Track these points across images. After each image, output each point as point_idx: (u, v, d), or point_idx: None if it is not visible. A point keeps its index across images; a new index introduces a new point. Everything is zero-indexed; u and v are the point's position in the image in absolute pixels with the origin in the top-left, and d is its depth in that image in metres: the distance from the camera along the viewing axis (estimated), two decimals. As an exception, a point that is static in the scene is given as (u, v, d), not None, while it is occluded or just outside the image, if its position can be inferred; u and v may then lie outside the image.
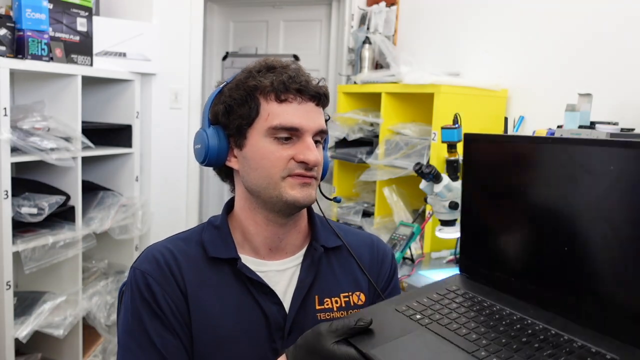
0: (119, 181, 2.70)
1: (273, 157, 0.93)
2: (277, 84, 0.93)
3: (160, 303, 0.92)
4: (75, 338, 2.39)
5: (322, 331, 0.79)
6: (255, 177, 0.95)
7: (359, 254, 1.05)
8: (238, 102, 0.95)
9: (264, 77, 0.95)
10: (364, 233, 1.15)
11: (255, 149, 0.94)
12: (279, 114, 0.93)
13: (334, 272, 1.02)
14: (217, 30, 3.67)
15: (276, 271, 0.99)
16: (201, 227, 1.04)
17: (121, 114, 2.66)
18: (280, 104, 0.93)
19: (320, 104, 0.97)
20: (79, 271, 2.38)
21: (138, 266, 0.96)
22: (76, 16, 2.37)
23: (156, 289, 0.93)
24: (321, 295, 0.99)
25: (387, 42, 2.81)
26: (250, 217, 0.99)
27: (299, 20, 3.52)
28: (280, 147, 0.93)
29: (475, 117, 2.35)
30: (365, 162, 2.67)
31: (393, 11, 3.00)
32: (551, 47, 2.32)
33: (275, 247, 1.00)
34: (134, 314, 0.93)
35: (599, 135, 1.65)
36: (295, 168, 0.93)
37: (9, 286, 2.04)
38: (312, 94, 0.95)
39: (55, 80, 2.31)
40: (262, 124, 0.94)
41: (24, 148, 2.05)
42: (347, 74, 3.13)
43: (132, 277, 0.96)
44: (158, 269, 0.94)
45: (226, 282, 0.96)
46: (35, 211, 2.12)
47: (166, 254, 0.96)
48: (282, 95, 0.93)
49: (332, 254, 1.04)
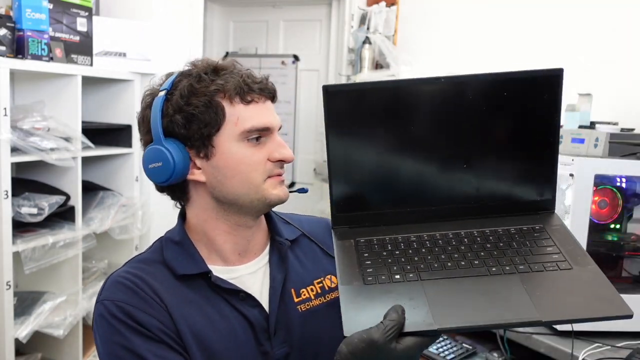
0: (119, 181, 2.69)
1: (250, 161, 0.90)
2: (240, 86, 0.90)
3: (148, 326, 0.86)
4: (75, 338, 2.38)
5: (375, 339, 0.72)
6: (232, 185, 0.91)
7: (319, 239, 1.06)
8: (200, 109, 0.89)
9: (222, 79, 0.90)
10: (316, 218, 1.14)
11: (227, 156, 0.90)
12: (250, 116, 0.90)
13: (302, 262, 1.02)
14: (217, 30, 3.67)
15: (248, 274, 0.97)
16: (159, 246, 0.98)
17: (121, 114, 2.65)
18: (246, 106, 0.90)
19: (274, 100, 0.96)
20: (79, 271, 2.38)
21: (107, 297, 0.89)
22: (76, 16, 2.37)
23: (139, 315, 0.87)
24: (297, 288, 0.98)
25: (387, 42, 2.82)
26: (216, 226, 0.95)
27: (299, 20, 3.52)
28: (254, 149, 0.91)
29: (475, 117, 2.35)
30: (365, 162, 2.66)
31: (393, 11, 3.00)
32: (551, 47, 2.32)
33: (244, 250, 0.97)
34: (122, 348, 0.86)
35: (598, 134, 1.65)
36: (274, 168, 0.92)
37: (9, 286, 2.04)
38: (271, 92, 0.94)
39: (55, 80, 2.30)
40: (231, 129, 0.90)
41: (24, 148, 2.05)
42: (347, 74, 3.13)
43: (105, 311, 0.87)
44: (133, 295, 0.88)
45: (202, 296, 0.92)
46: (35, 211, 2.12)
47: (134, 279, 0.90)
48: (247, 97, 0.90)
49: (294, 245, 1.03)
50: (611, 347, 1.36)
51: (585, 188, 1.37)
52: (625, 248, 1.51)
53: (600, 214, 1.50)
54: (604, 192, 1.49)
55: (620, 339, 1.38)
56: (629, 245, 1.51)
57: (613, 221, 1.52)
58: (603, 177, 1.47)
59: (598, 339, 1.38)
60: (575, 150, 1.70)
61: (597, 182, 1.42)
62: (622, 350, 1.34)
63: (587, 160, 1.39)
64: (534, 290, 0.77)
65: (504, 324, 0.75)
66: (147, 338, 0.86)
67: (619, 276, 1.52)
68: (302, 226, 1.06)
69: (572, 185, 1.36)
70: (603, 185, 1.49)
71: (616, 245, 1.51)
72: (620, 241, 1.51)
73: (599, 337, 1.39)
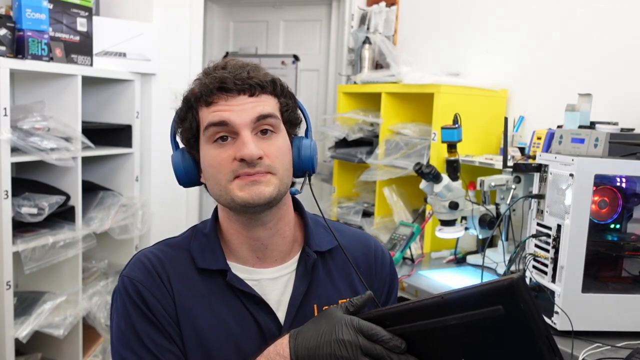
0: (119, 181, 2.69)
1: (215, 161, 0.89)
2: (202, 89, 0.90)
3: (152, 309, 0.89)
4: (75, 338, 2.39)
5: (334, 311, 0.82)
6: (210, 186, 0.92)
7: (354, 257, 1.00)
8: (181, 117, 0.93)
9: (195, 85, 0.92)
10: (358, 232, 1.09)
11: (203, 159, 0.92)
12: (207, 116, 0.89)
13: (332, 277, 0.98)
14: (217, 30, 3.67)
15: (269, 279, 0.95)
16: (190, 234, 1.00)
17: (121, 114, 2.66)
18: (209, 107, 0.89)
19: (256, 93, 0.89)
20: (79, 271, 2.38)
21: (127, 274, 0.93)
22: (76, 16, 2.37)
23: (147, 296, 0.90)
24: (320, 304, 0.95)
25: (387, 42, 2.81)
26: (230, 226, 0.95)
27: (299, 20, 3.52)
28: (220, 150, 0.89)
29: (475, 117, 2.35)
30: (365, 162, 2.67)
31: (393, 11, 3.00)
32: (551, 47, 2.32)
33: (262, 254, 0.95)
34: (126, 322, 0.90)
35: (600, 136, 1.64)
36: (239, 168, 0.87)
37: (9, 286, 2.04)
38: (238, 88, 0.88)
39: (55, 80, 2.31)
40: (202, 132, 0.91)
41: (24, 148, 2.05)
42: (347, 74, 3.13)
43: (122, 285, 0.93)
44: (148, 275, 0.92)
45: (217, 293, 0.92)
46: (35, 211, 2.12)
47: (155, 261, 0.93)
48: (208, 99, 0.89)
49: (329, 256, 0.99)
50: (611, 347, 1.36)
51: (585, 188, 1.37)
52: (625, 248, 1.50)
53: (600, 214, 1.50)
54: (604, 192, 1.49)
55: (620, 339, 1.38)
56: (629, 245, 1.50)
57: (613, 221, 1.52)
58: (603, 177, 1.47)
59: (598, 339, 1.38)
60: (575, 150, 1.70)
61: (597, 182, 1.42)
62: (622, 350, 1.34)
63: (587, 160, 1.39)
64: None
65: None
66: (147, 319, 0.89)
67: (619, 276, 1.52)
68: (342, 238, 0.99)
69: (572, 185, 1.36)
70: (603, 185, 1.49)
71: (616, 245, 1.50)
72: (620, 241, 1.50)
73: (599, 337, 1.39)
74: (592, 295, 1.40)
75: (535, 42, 2.38)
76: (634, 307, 1.42)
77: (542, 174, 1.51)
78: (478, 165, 2.21)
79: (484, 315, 0.68)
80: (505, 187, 2.01)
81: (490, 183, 2.00)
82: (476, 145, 2.39)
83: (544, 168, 1.50)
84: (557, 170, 1.43)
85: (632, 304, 1.42)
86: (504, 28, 2.52)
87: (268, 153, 0.88)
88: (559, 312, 1.39)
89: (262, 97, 0.91)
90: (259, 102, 0.90)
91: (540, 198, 1.51)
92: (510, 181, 1.99)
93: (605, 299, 1.41)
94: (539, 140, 2.03)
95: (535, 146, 2.04)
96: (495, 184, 2.01)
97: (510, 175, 1.99)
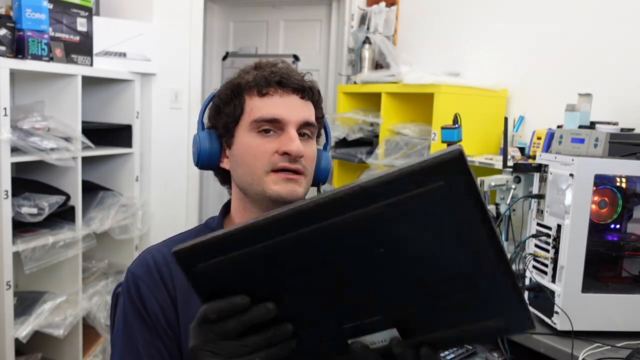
0: (119, 181, 2.69)
1: (256, 150, 0.91)
2: (258, 79, 0.93)
3: (148, 308, 0.91)
4: (75, 338, 2.39)
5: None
6: (241, 173, 0.94)
7: None
8: (224, 101, 0.96)
9: (251, 75, 0.95)
10: None
11: (240, 145, 0.94)
12: (261, 107, 0.92)
13: None
14: (217, 30, 3.66)
15: None
16: (197, 230, 1.01)
17: (121, 114, 2.66)
18: (262, 98, 0.93)
19: (305, 97, 0.95)
20: (79, 271, 2.38)
21: (132, 269, 0.96)
22: (76, 16, 2.37)
23: (146, 294, 0.91)
24: None
25: (387, 42, 2.81)
26: (244, 217, 0.96)
27: (299, 20, 3.52)
28: (263, 140, 0.92)
29: (475, 117, 2.35)
30: (365, 162, 2.67)
31: (393, 11, 3.00)
32: (551, 47, 2.32)
33: None
34: (125, 316, 0.92)
35: (600, 136, 1.64)
36: (279, 161, 0.90)
37: (9, 286, 2.04)
38: (294, 87, 0.93)
39: (55, 80, 2.30)
40: (246, 120, 0.93)
41: (24, 148, 2.05)
42: (347, 74, 3.13)
43: (126, 280, 0.95)
44: (149, 273, 0.93)
45: None
46: (35, 211, 2.12)
47: (159, 258, 0.95)
48: (263, 89, 0.93)
49: None
50: (611, 347, 1.36)
51: (585, 188, 1.37)
52: (625, 248, 1.50)
53: (600, 214, 1.50)
54: (604, 192, 1.49)
55: (620, 339, 1.38)
56: (629, 245, 1.50)
57: (613, 221, 1.52)
58: (603, 177, 1.47)
59: (598, 339, 1.38)
60: (575, 150, 1.70)
61: (597, 182, 1.42)
62: (622, 350, 1.34)
63: (587, 160, 1.39)
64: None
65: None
66: (142, 319, 0.91)
67: (619, 276, 1.52)
68: None
69: (572, 185, 1.36)
70: (603, 185, 1.49)
71: (616, 245, 1.50)
72: (620, 241, 1.51)
73: (599, 337, 1.39)
74: (592, 295, 1.40)
75: (535, 42, 2.38)
76: (634, 307, 1.42)
77: (542, 174, 1.51)
78: (478, 165, 2.21)
79: (421, 196, 0.52)
80: (505, 187, 2.01)
81: (490, 183, 2.00)
82: (476, 145, 2.39)
83: (544, 168, 1.50)
84: (557, 170, 1.43)
85: (632, 304, 1.42)
86: (504, 28, 2.52)
87: (305, 155, 0.93)
88: (559, 312, 1.39)
89: (308, 103, 0.96)
90: (306, 106, 0.95)
91: (540, 198, 1.51)
92: (510, 181, 1.99)
93: (605, 299, 1.41)
94: (539, 140, 2.03)
95: (535, 146, 2.04)
96: (495, 184, 2.00)
97: (510, 175, 1.99)
